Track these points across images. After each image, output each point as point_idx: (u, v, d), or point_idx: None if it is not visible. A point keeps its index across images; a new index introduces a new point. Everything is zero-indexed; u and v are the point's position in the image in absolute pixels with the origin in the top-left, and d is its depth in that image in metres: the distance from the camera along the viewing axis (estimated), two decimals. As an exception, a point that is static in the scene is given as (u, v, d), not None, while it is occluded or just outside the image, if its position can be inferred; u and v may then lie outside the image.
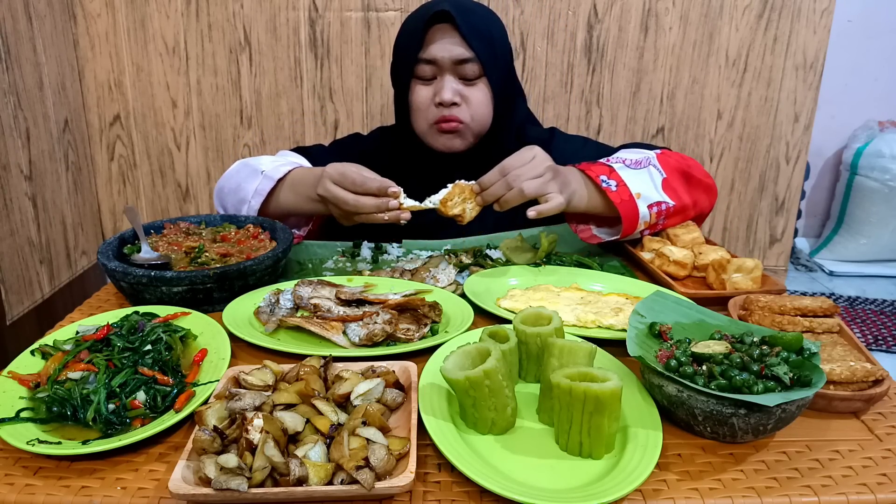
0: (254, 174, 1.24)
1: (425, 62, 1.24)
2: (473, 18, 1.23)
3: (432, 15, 1.21)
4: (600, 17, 2.37)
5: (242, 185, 1.24)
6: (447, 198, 1.05)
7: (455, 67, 1.23)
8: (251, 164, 1.28)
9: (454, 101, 1.24)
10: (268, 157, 1.33)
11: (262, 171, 1.23)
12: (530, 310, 0.78)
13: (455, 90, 1.24)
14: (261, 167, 1.25)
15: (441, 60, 1.22)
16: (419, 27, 1.22)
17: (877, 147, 3.12)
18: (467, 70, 1.23)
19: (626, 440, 0.65)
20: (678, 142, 2.52)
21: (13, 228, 2.07)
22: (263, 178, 1.22)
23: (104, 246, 1.00)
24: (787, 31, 2.38)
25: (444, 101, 1.23)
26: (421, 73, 1.25)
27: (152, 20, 2.37)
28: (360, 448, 0.60)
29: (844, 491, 0.61)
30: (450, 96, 1.23)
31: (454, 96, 1.23)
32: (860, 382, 0.72)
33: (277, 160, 1.30)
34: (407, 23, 1.29)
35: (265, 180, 1.21)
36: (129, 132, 2.51)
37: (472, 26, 1.21)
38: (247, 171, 1.27)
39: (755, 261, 1.00)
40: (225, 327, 0.85)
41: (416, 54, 1.23)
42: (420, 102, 1.27)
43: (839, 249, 3.33)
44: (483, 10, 1.28)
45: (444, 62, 1.22)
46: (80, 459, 0.64)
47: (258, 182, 1.22)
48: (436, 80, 1.25)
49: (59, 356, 0.77)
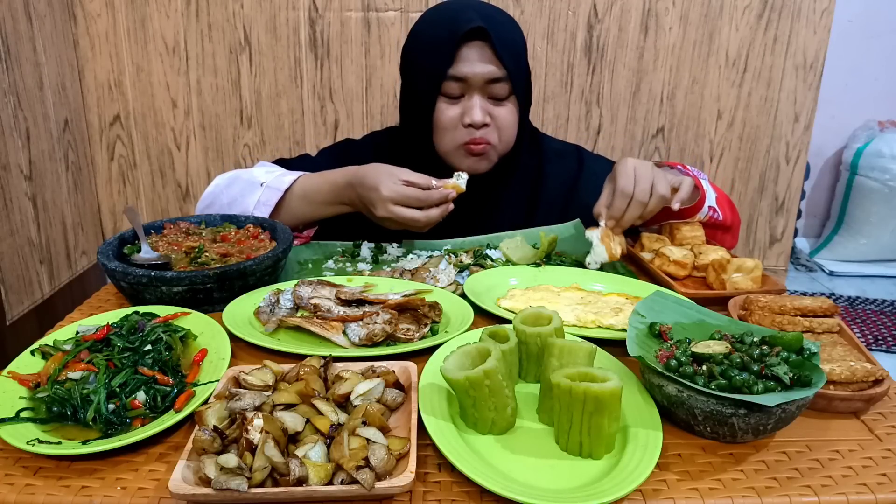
0: (251, 186, 1.20)
1: (454, 79, 1.16)
2: (505, 33, 1.16)
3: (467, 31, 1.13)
4: (600, 17, 2.37)
5: (239, 199, 1.20)
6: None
7: (485, 87, 1.17)
8: (243, 176, 1.24)
9: (485, 123, 1.18)
10: (255, 168, 1.29)
11: (263, 183, 1.19)
12: (530, 310, 0.78)
13: (485, 111, 1.18)
14: (258, 179, 1.20)
15: (472, 79, 1.15)
16: (449, 41, 1.14)
17: (877, 147, 3.12)
18: (497, 89, 1.17)
19: (626, 440, 0.65)
20: (678, 142, 2.52)
21: (13, 228, 2.07)
22: (266, 188, 1.18)
23: (104, 246, 1.00)
24: (787, 31, 2.38)
25: (475, 122, 1.17)
26: (448, 90, 1.18)
27: (152, 20, 2.37)
28: (360, 448, 0.60)
29: (844, 491, 0.61)
30: (481, 118, 1.17)
31: (485, 117, 1.17)
32: (860, 382, 0.72)
33: (271, 170, 1.26)
34: (426, 31, 1.21)
35: (268, 191, 1.18)
36: (129, 132, 2.51)
37: (504, 42, 1.15)
38: (241, 184, 1.22)
39: (755, 261, 1.00)
40: (225, 327, 0.85)
41: (444, 70, 1.15)
42: (447, 122, 1.20)
43: (839, 249, 3.33)
44: (509, 20, 1.22)
45: (474, 81, 1.16)
46: (80, 459, 0.64)
47: (259, 194, 1.18)
48: (463, 97, 1.19)
49: (59, 356, 0.77)
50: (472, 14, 1.15)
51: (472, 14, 1.15)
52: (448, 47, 1.14)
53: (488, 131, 1.20)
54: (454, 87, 1.17)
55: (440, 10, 1.22)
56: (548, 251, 1.14)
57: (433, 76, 1.17)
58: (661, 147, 2.52)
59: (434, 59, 1.17)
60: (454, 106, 1.19)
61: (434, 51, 1.17)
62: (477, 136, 1.19)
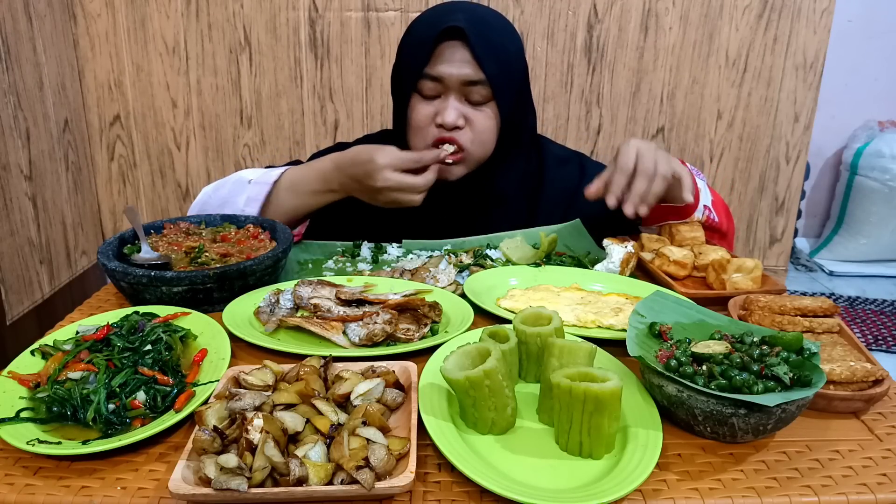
0: (239, 185, 1.20)
1: (430, 78, 1.14)
2: (489, 34, 1.13)
3: (444, 29, 1.11)
4: (600, 17, 2.37)
5: (229, 200, 1.20)
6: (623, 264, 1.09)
7: (462, 88, 1.14)
8: (230, 179, 1.23)
9: (457, 125, 1.15)
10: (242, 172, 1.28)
11: (250, 181, 1.19)
12: (530, 310, 0.78)
13: (459, 112, 1.14)
14: (245, 178, 1.20)
15: (448, 79, 1.13)
16: (428, 39, 1.12)
17: (877, 147, 3.12)
18: (475, 93, 1.14)
19: (626, 440, 0.65)
20: (678, 142, 2.52)
21: (13, 228, 2.07)
22: (253, 185, 1.18)
23: (104, 246, 1.00)
24: (787, 31, 2.38)
25: (445, 123, 1.14)
26: (424, 89, 1.15)
27: (152, 20, 2.37)
28: (360, 448, 0.60)
29: (844, 491, 0.61)
30: (453, 119, 1.13)
31: (457, 119, 1.14)
32: (860, 382, 0.72)
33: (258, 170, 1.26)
34: (414, 29, 1.20)
35: (256, 186, 1.17)
36: (129, 132, 2.51)
37: (486, 45, 1.12)
38: (228, 186, 1.22)
39: (755, 261, 1.00)
40: (225, 327, 0.85)
41: (420, 68, 1.13)
42: (419, 120, 1.17)
43: (839, 249, 3.33)
44: (500, 22, 1.19)
45: (450, 81, 1.13)
46: (80, 459, 0.64)
47: (248, 191, 1.18)
48: (439, 98, 1.16)
49: (59, 356, 0.77)
50: (460, 15, 1.13)
51: (458, 15, 1.13)
52: (427, 45, 1.13)
53: (460, 133, 1.16)
54: (430, 87, 1.15)
55: (433, 9, 1.21)
56: (548, 251, 1.14)
57: (411, 74, 1.16)
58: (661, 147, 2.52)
59: (413, 57, 1.16)
60: (429, 105, 1.17)
61: (414, 47, 1.17)
62: (446, 136, 1.16)
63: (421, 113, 1.17)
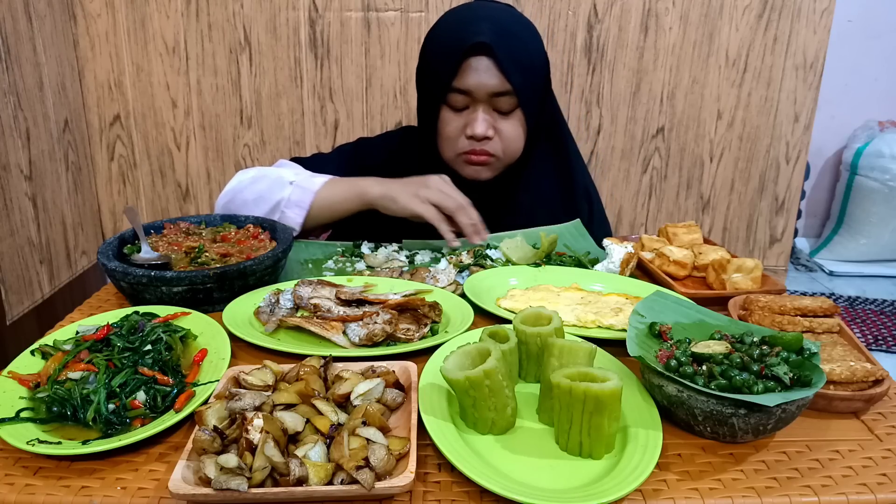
0: (279, 184, 1.19)
1: (458, 92, 1.17)
2: (514, 47, 1.16)
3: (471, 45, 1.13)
4: (600, 17, 2.37)
5: (266, 195, 1.20)
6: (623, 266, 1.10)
7: (490, 99, 1.17)
8: (270, 174, 1.22)
9: (486, 136, 1.19)
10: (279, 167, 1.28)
11: (292, 182, 1.19)
12: (530, 310, 0.78)
13: (489, 124, 1.18)
14: (286, 178, 1.20)
15: (476, 92, 1.16)
16: (455, 53, 1.15)
17: (877, 147, 3.12)
18: (502, 103, 1.18)
19: (626, 440, 0.65)
20: (678, 142, 2.52)
21: (13, 228, 2.07)
22: (296, 187, 1.18)
23: (104, 246, 1.00)
24: (787, 31, 2.38)
25: (476, 135, 1.18)
26: (452, 101, 1.19)
27: (152, 20, 2.37)
28: (360, 448, 0.60)
29: (844, 491, 0.61)
30: (483, 131, 1.17)
31: (488, 130, 1.18)
32: (860, 382, 0.72)
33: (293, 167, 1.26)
34: (439, 38, 1.22)
35: (299, 190, 1.18)
36: (129, 132, 2.51)
37: (512, 58, 1.15)
38: (267, 181, 1.21)
39: (755, 261, 1.00)
40: (225, 327, 0.85)
41: (449, 81, 1.17)
42: (450, 132, 1.21)
43: (839, 249, 3.33)
44: (524, 31, 1.22)
45: (479, 94, 1.16)
46: (80, 459, 0.64)
47: (289, 192, 1.18)
48: (467, 109, 1.20)
49: (59, 356, 0.77)
50: (484, 25, 1.14)
51: (483, 25, 1.14)
52: (453, 60, 1.15)
53: (491, 143, 1.20)
54: (459, 99, 1.19)
55: (456, 16, 1.22)
56: (548, 251, 1.14)
57: (439, 87, 1.19)
58: (661, 147, 2.52)
59: (440, 70, 1.18)
60: (458, 116, 1.21)
61: (440, 61, 1.18)
62: (478, 147, 1.20)
63: (451, 125, 1.22)
